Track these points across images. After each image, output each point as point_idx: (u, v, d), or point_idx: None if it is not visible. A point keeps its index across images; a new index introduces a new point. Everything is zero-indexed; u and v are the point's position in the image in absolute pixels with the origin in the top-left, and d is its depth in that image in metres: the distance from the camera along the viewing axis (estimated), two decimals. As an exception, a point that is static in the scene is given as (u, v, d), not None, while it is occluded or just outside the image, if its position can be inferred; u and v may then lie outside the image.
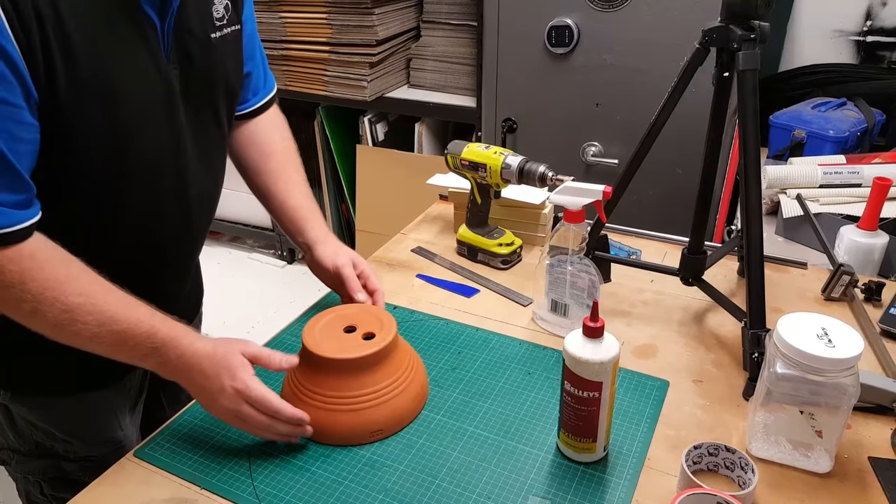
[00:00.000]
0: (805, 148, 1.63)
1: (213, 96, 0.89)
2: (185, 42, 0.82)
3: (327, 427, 0.80)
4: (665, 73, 1.08)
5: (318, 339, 0.83)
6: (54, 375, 0.90)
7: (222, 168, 0.99)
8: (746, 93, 0.86)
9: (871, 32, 1.94)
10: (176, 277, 0.99)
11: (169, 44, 0.80)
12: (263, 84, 1.05)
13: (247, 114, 1.04)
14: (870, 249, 1.15)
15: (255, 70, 1.02)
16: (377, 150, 2.47)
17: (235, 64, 0.94)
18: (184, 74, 0.83)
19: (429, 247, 1.25)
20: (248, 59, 0.98)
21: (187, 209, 0.91)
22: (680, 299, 1.07)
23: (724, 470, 0.75)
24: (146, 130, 0.80)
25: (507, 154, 1.11)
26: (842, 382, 0.70)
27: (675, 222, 1.34)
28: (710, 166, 0.97)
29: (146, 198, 0.84)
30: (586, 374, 0.72)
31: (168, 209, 0.88)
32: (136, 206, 0.84)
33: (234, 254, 2.97)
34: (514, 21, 1.88)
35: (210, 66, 0.86)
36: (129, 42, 0.75)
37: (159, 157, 0.83)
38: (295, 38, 2.30)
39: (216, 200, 1.00)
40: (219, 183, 0.99)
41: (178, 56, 0.82)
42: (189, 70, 0.83)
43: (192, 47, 0.83)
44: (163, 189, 0.86)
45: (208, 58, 0.86)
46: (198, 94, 0.86)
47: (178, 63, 0.82)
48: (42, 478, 0.98)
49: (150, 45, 0.77)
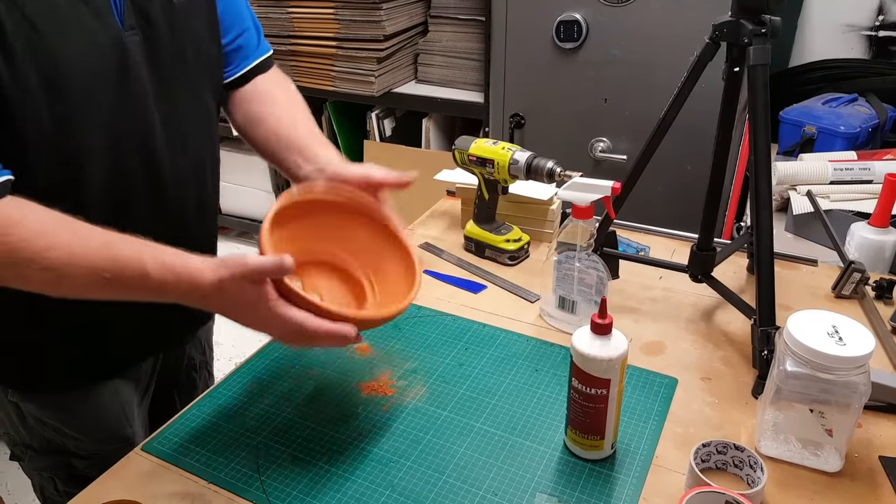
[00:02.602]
0: (815, 144, 1.62)
1: (186, 67, 0.84)
2: (142, 5, 0.77)
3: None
4: (674, 69, 1.08)
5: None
6: (63, 370, 0.91)
7: (208, 150, 0.93)
8: (757, 88, 0.85)
9: (884, 27, 1.92)
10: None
11: (122, 7, 0.75)
12: (256, 48, 0.98)
13: (240, 78, 0.96)
14: (881, 247, 1.14)
15: (243, 35, 0.95)
16: (384, 145, 2.47)
17: (209, 30, 0.88)
18: (146, 40, 0.78)
19: (436, 242, 1.25)
20: (232, 26, 0.92)
21: (163, 191, 0.85)
22: (689, 296, 1.07)
23: (733, 468, 0.74)
24: (97, 100, 0.75)
25: (515, 150, 1.10)
26: (853, 381, 0.70)
27: (683, 219, 1.33)
28: (719, 162, 0.96)
29: (112, 178, 0.79)
30: (594, 370, 0.72)
31: (140, 190, 0.83)
32: (103, 186, 0.79)
33: (242, 249, 2.98)
34: (522, 16, 1.87)
35: (175, 30, 0.81)
36: (68, 5, 0.70)
37: (118, 132, 0.78)
38: (302, 34, 2.30)
39: (205, 186, 0.94)
40: (201, 166, 0.92)
41: (136, 21, 0.77)
42: (151, 35, 0.78)
43: (151, 11, 0.78)
44: (130, 168, 0.80)
45: (171, 21, 0.80)
46: (168, 64, 0.81)
47: (139, 28, 0.77)
48: (54, 474, 0.99)
49: (97, 8, 0.73)
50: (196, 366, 1.15)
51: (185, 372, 1.13)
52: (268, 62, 1.00)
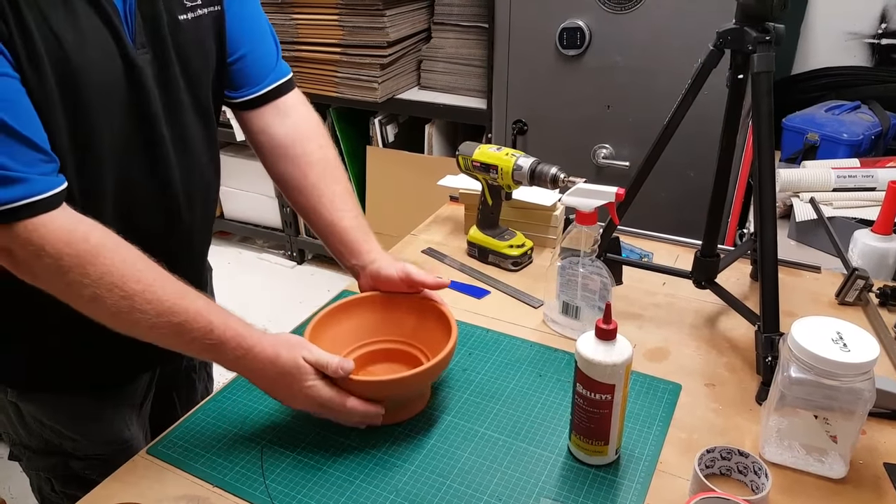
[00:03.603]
0: (818, 151, 1.62)
1: (191, 83, 0.85)
2: (153, 25, 0.79)
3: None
4: (677, 76, 1.08)
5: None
6: (65, 375, 0.91)
7: (210, 160, 0.94)
8: (761, 95, 0.85)
9: (886, 35, 1.93)
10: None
11: (133, 26, 0.77)
12: (274, 68, 0.96)
13: (255, 99, 0.94)
14: (884, 254, 1.14)
15: (255, 52, 0.94)
16: (387, 151, 2.47)
17: (218, 47, 0.89)
18: (156, 59, 0.80)
19: (439, 248, 1.25)
20: (245, 42, 0.92)
21: (173, 203, 0.87)
22: (692, 302, 1.07)
23: (737, 474, 0.74)
24: (109, 115, 0.77)
25: (518, 155, 1.10)
26: (857, 387, 0.70)
27: (687, 225, 1.33)
28: (723, 169, 0.96)
29: (121, 190, 0.82)
30: (599, 376, 0.72)
31: (147, 201, 0.85)
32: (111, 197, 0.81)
33: (245, 254, 2.98)
34: (525, 23, 1.88)
35: (179, 48, 0.82)
36: (87, 21, 0.73)
37: (127, 145, 0.80)
38: (306, 40, 2.31)
39: (211, 194, 0.96)
40: (206, 175, 0.93)
41: (148, 40, 0.79)
42: (160, 54, 0.80)
43: (160, 30, 0.80)
44: (137, 181, 0.83)
45: (177, 40, 0.82)
46: (173, 81, 0.83)
47: (151, 47, 0.79)
48: (52, 474, 0.99)
49: (112, 27, 0.75)
50: (195, 367, 1.15)
51: (185, 373, 1.13)
52: (287, 85, 0.98)
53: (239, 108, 0.96)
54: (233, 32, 0.90)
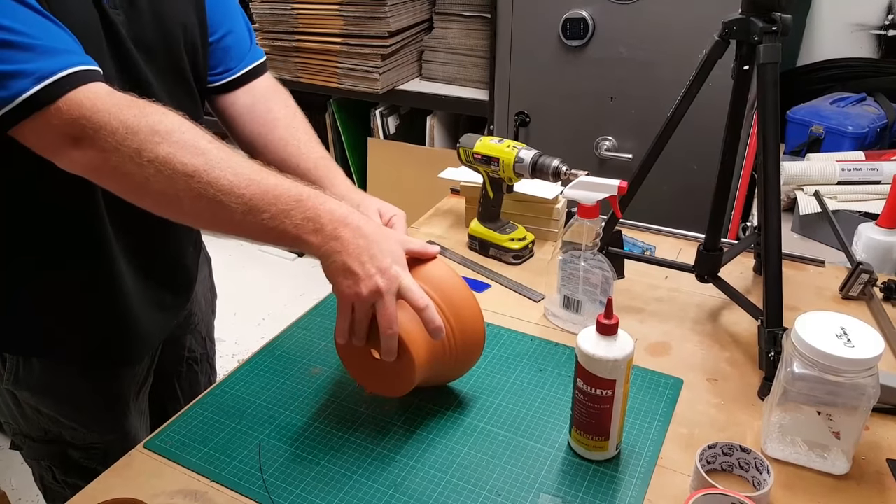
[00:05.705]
0: (823, 144, 1.61)
1: (173, 53, 0.85)
2: None
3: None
4: (680, 67, 1.07)
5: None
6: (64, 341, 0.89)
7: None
8: (767, 87, 0.84)
9: (893, 26, 1.91)
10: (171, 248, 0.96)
11: None
12: (249, 51, 0.98)
13: (232, 82, 0.96)
14: (889, 248, 1.13)
15: (234, 33, 0.95)
16: (388, 143, 2.46)
17: (197, 17, 0.88)
18: (130, 20, 0.79)
19: (440, 241, 1.24)
20: (223, 20, 0.93)
21: None
22: (694, 296, 1.06)
23: (739, 470, 0.74)
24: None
25: (520, 148, 1.09)
26: (861, 383, 0.69)
27: (689, 218, 1.32)
28: (727, 162, 0.95)
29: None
30: (600, 371, 0.71)
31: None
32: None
33: (245, 246, 2.98)
34: (528, 13, 1.86)
35: (158, 12, 0.82)
36: None
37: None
38: (307, 30, 2.29)
39: None
40: None
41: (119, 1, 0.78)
42: (134, 16, 0.80)
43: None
44: None
45: (154, 3, 0.81)
46: (156, 48, 0.82)
47: (122, 8, 0.79)
48: (52, 463, 0.99)
49: None
50: (197, 359, 1.15)
51: (187, 364, 1.13)
52: (262, 67, 1.00)
53: (214, 93, 0.96)
54: (212, 13, 0.91)
